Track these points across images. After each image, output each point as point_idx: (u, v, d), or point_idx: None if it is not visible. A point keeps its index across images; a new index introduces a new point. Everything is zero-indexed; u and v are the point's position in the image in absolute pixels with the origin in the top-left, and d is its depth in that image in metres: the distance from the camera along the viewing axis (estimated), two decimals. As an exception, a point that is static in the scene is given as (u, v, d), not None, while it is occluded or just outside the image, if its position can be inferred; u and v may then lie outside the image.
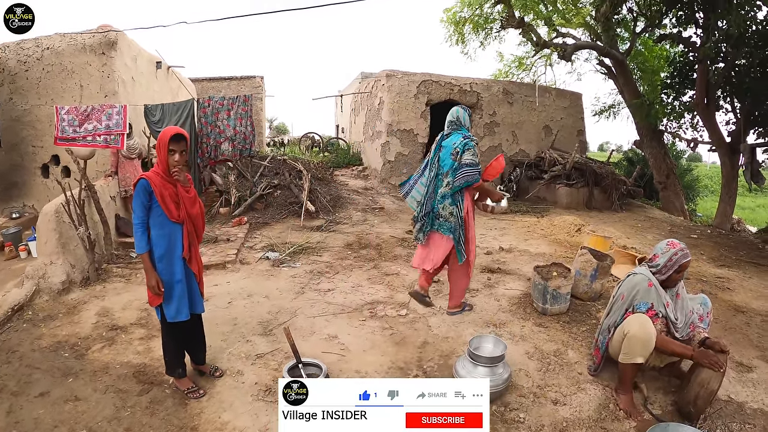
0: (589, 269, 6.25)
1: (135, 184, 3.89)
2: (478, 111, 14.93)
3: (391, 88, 14.04)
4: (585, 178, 13.81)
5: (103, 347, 5.03)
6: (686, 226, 12.50)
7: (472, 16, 19.32)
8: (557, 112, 16.12)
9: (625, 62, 17.10)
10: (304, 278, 7.17)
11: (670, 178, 17.27)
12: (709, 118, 14.89)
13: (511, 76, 21.93)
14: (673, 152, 23.03)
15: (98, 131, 9.36)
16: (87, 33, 11.54)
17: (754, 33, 11.75)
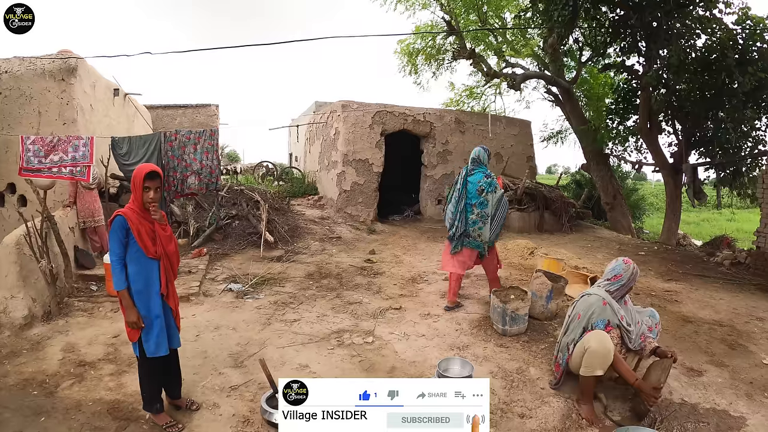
0: (545, 291, 6.55)
1: (111, 221, 3.94)
2: (431, 140, 15.23)
3: (346, 118, 14.20)
4: (536, 203, 14.17)
5: (73, 384, 4.95)
6: (634, 244, 12.95)
7: (425, 47, 19.79)
8: (507, 139, 16.50)
9: (572, 90, 17.68)
10: (269, 309, 7.20)
11: (616, 199, 17.84)
12: (652, 141, 15.53)
13: (462, 104, 22.48)
14: (619, 174, 23.68)
15: (64, 162, 9.21)
16: (47, 58, 11.31)
17: (694, 60, 12.23)
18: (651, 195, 31.54)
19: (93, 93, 12.33)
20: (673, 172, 15.61)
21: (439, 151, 15.35)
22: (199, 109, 23.02)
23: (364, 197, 14.30)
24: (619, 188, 18.59)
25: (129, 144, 10.65)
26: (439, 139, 15.32)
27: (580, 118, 17.92)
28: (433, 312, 7.04)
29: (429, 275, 9.20)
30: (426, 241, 12.57)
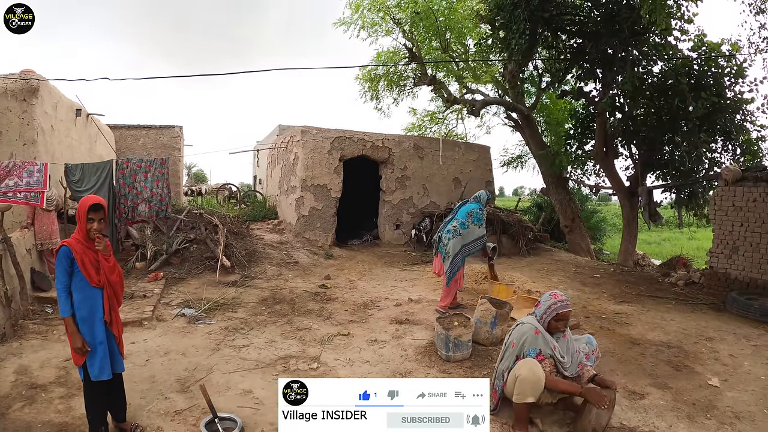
0: (489, 317, 6.68)
1: (56, 251, 4.09)
2: (390, 166, 15.35)
3: (305, 144, 14.28)
4: (493, 227, 14.23)
5: (24, 406, 5.02)
6: (591, 266, 13.05)
7: (387, 73, 19.96)
8: (466, 164, 16.64)
9: (531, 116, 18.01)
10: (219, 335, 7.26)
11: (575, 222, 18.12)
12: (608, 165, 15.79)
13: (424, 129, 22.63)
14: (579, 197, 23.90)
15: (19, 188, 9.19)
16: (9, 77, 11.24)
17: (650, 85, 12.57)
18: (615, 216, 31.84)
19: (54, 113, 12.28)
20: (629, 194, 15.90)
21: (398, 176, 15.47)
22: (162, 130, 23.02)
23: (322, 222, 14.38)
24: (578, 211, 18.87)
25: (82, 171, 10.71)
26: (398, 165, 15.44)
27: (539, 143, 18.23)
28: (380, 338, 7.15)
29: (381, 301, 9.29)
30: (382, 266, 12.67)
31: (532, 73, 17.79)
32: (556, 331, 4.71)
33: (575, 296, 9.52)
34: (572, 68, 14.08)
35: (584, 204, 25.31)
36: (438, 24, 17.66)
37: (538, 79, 17.69)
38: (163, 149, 22.31)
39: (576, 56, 13.34)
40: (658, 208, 14.97)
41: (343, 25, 18.76)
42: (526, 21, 12.13)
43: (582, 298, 9.48)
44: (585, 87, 15.10)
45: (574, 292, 9.84)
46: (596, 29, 12.22)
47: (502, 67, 17.88)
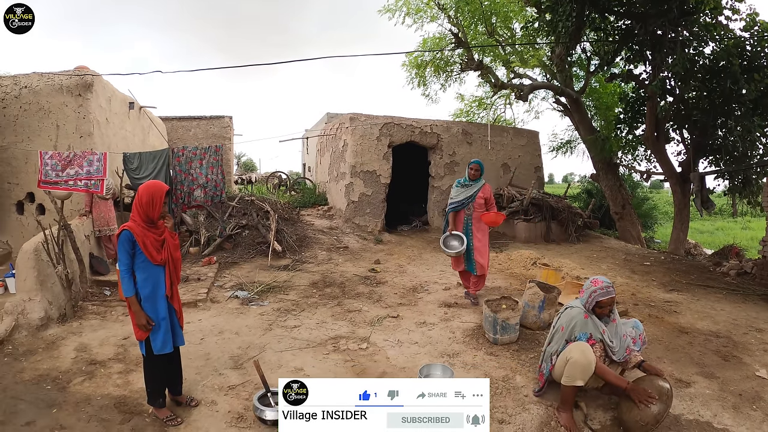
0: (537, 301, 6.69)
1: (117, 235, 4.26)
2: (438, 152, 15.36)
3: (354, 131, 14.40)
4: (542, 213, 14.24)
5: (84, 380, 5.26)
6: (641, 254, 12.82)
7: (433, 59, 19.82)
8: (515, 150, 16.53)
9: (580, 100, 17.67)
10: (271, 316, 7.46)
11: (625, 209, 17.82)
12: (659, 150, 15.48)
13: (472, 115, 22.43)
14: (630, 183, 23.57)
15: (79, 176, 9.59)
16: (64, 74, 11.63)
17: (701, 67, 12.22)
18: (667, 203, 31.09)
19: (109, 107, 12.64)
20: (680, 181, 15.63)
21: (447, 162, 15.47)
22: (213, 120, 23.31)
23: (371, 208, 14.51)
24: (628, 198, 18.54)
25: (139, 159, 11.04)
26: (446, 151, 15.44)
27: (588, 127, 17.96)
28: (429, 320, 7.23)
29: (430, 285, 9.36)
30: (431, 251, 12.67)
31: (580, 56, 17.49)
32: (602, 315, 4.70)
33: (624, 284, 9.43)
34: (621, 50, 13.77)
35: (635, 191, 24.87)
36: (483, 8, 17.50)
37: (587, 62, 17.35)
38: (213, 139, 22.62)
39: (624, 38, 13.02)
40: (710, 195, 14.65)
41: (388, 12, 18.63)
42: (573, 2, 11.92)
43: (631, 286, 9.36)
44: (634, 69, 14.78)
45: (624, 280, 9.74)
46: (644, 10, 11.86)
47: (549, 51, 17.63)
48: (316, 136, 21.01)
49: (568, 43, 13.70)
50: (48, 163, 9.63)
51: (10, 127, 11.76)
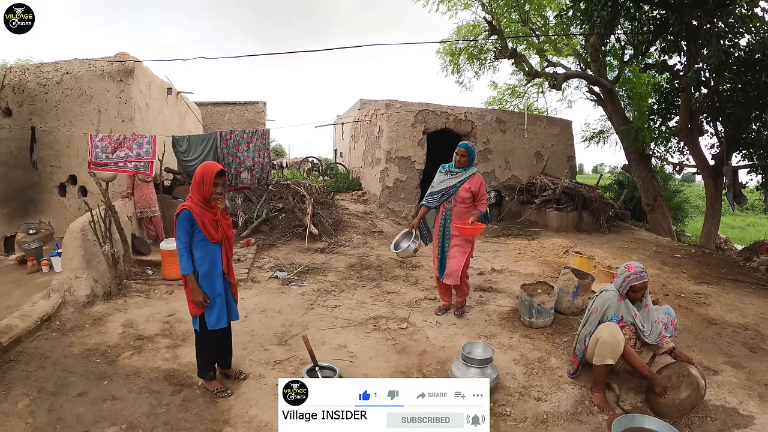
0: (571, 287, 6.83)
1: (177, 214, 4.42)
2: (473, 139, 15.39)
3: (390, 117, 14.53)
4: (574, 202, 14.22)
5: (132, 354, 5.48)
6: (671, 247, 12.77)
7: (467, 47, 19.83)
8: (548, 139, 16.55)
9: (614, 90, 17.53)
10: (312, 296, 7.67)
11: (657, 201, 17.69)
12: (693, 142, 15.27)
13: (505, 103, 22.38)
14: (662, 175, 23.39)
15: (129, 158, 9.88)
16: (105, 60, 11.92)
17: (736, 59, 12.07)
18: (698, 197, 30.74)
19: (148, 92, 12.98)
20: (713, 174, 15.38)
21: (480, 149, 15.52)
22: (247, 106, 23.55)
23: (406, 193, 14.64)
24: (660, 190, 18.38)
25: (188, 142, 11.35)
26: (480, 138, 15.49)
27: (621, 118, 17.82)
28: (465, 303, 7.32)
29: (464, 269, 9.46)
30: (465, 237, 12.68)
31: (614, 46, 17.38)
32: (636, 300, 4.82)
33: (655, 275, 9.44)
34: (656, 41, 13.55)
35: (667, 183, 24.67)
36: (517, -5, 17.44)
37: (621, 51, 17.25)
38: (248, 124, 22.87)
39: (659, 28, 12.82)
40: (743, 190, 14.55)
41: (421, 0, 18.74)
42: (608, -9, 11.87)
43: (662, 277, 9.39)
44: (669, 60, 14.60)
45: (654, 271, 9.74)
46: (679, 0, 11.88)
47: (583, 40, 17.54)
48: (350, 122, 21.12)
49: (602, 32, 13.62)
50: (98, 145, 9.91)
51: (52, 112, 12.13)
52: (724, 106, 13.64)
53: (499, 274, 9.16)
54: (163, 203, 11.17)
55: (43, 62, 12.42)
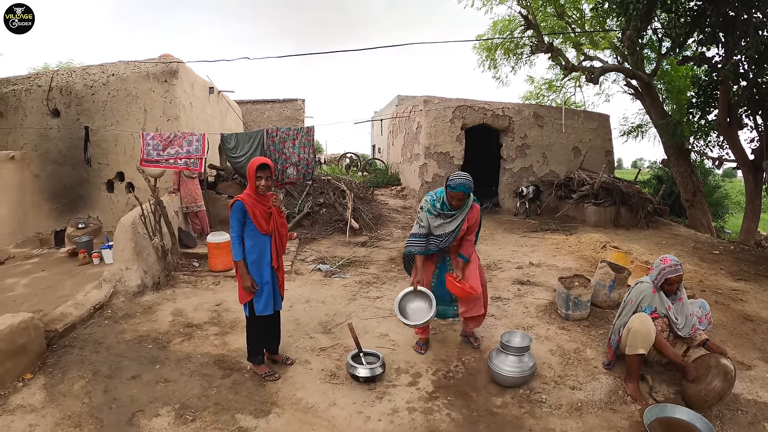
0: (608, 280, 6.92)
1: (231, 205, 4.69)
2: (510, 134, 15.52)
3: (428, 113, 14.67)
4: (612, 198, 14.20)
5: (183, 341, 5.77)
6: (710, 243, 12.65)
7: (504, 42, 19.90)
8: (586, 133, 16.54)
9: (652, 83, 17.42)
10: (354, 287, 7.91)
11: (696, 196, 17.51)
12: (732, 136, 15.09)
13: (542, 98, 22.34)
14: (702, 170, 23.12)
15: (179, 155, 10.27)
16: (150, 62, 12.38)
17: None
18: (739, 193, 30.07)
19: (192, 92, 13.43)
20: (753, 169, 15.22)
21: (518, 145, 15.62)
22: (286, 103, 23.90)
23: (444, 188, 14.65)
24: (699, 185, 18.17)
25: (236, 139, 11.73)
26: (518, 133, 15.57)
27: (660, 112, 17.68)
28: (503, 296, 7.51)
29: (503, 263, 9.57)
30: (503, 232, 12.87)
31: (651, 38, 17.11)
32: (670, 293, 4.92)
33: (692, 270, 9.43)
34: (693, 32, 13.40)
35: (706, 178, 24.40)
36: (552, -11, 17.42)
37: (658, 44, 16.99)
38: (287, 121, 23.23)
39: (696, 19, 12.59)
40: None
41: (456, -3, 18.72)
42: (644, -17, 11.77)
43: (699, 273, 9.35)
44: (707, 52, 14.41)
45: (692, 267, 9.72)
46: (714, -9, 11.64)
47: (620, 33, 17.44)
48: (389, 118, 21.30)
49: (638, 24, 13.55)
50: (150, 143, 10.30)
51: (100, 112, 12.66)
52: (764, 99, 13.46)
53: (537, 268, 9.25)
54: (208, 198, 11.48)
55: (89, 65, 12.92)
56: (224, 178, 12.97)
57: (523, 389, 4.82)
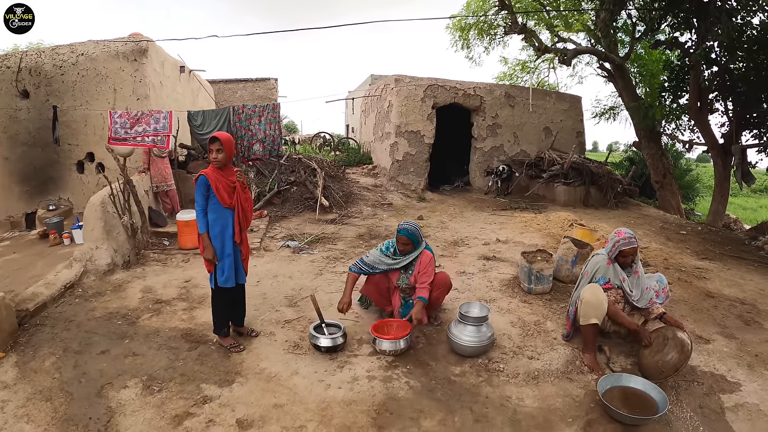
0: (570, 256, 7.06)
1: (196, 179, 4.78)
2: (481, 114, 15.58)
3: (399, 92, 14.69)
4: (582, 178, 14.35)
5: (152, 316, 5.84)
6: (678, 224, 12.84)
7: (477, 22, 19.88)
8: (557, 114, 16.63)
9: (625, 66, 17.60)
10: (321, 263, 8.01)
11: (666, 178, 17.77)
12: (702, 120, 15.33)
13: (515, 78, 22.42)
14: (673, 153, 23.45)
15: (147, 133, 10.26)
16: (119, 41, 12.27)
17: (748, 38, 12.12)
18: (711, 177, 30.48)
19: (162, 71, 13.36)
20: (722, 153, 15.45)
21: (489, 124, 15.69)
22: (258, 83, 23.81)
23: (415, 167, 14.86)
24: (670, 167, 18.49)
25: (203, 117, 11.84)
26: (489, 113, 15.63)
27: (632, 95, 17.88)
28: (468, 270, 7.65)
29: (470, 240, 9.72)
30: (472, 210, 13.05)
31: (625, 22, 17.37)
32: (625, 265, 5.05)
33: (658, 249, 9.62)
34: (666, 17, 13.57)
35: (677, 161, 24.73)
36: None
37: (632, 28, 17.30)
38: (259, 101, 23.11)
39: (670, 4, 12.79)
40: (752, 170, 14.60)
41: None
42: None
43: (664, 251, 9.51)
44: (680, 37, 14.57)
45: (658, 246, 9.91)
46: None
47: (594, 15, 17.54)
48: (361, 97, 21.28)
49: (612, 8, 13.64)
50: (117, 121, 10.29)
51: (69, 92, 12.55)
52: (734, 85, 13.67)
53: (503, 244, 9.40)
54: (178, 177, 11.46)
55: (59, 45, 12.81)
56: (195, 158, 12.95)
57: (481, 359, 4.94)
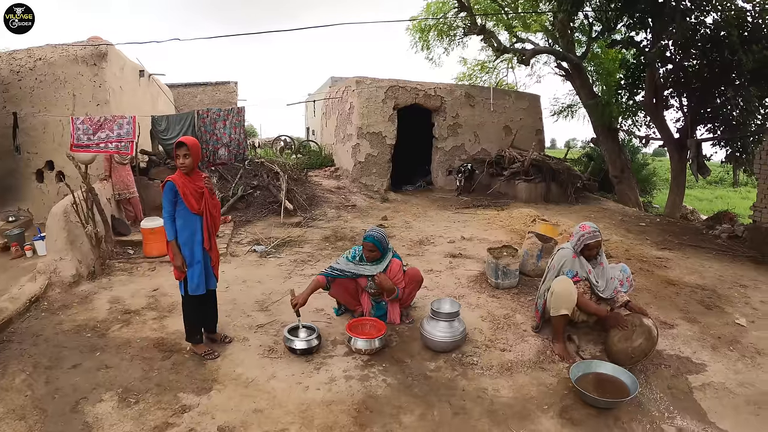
0: (535, 250, 7.21)
1: (163, 185, 4.73)
2: (442, 114, 15.73)
3: (360, 93, 14.71)
4: (542, 174, 14.56)
5: (122, 327, 5.74)
6: (637, 216, 13.16)
7: (437, 23, 19.99)
8: (517, 113, 16.86)
9: (582, 65, 17.83)
10: (289, 266, 8.02)
11: (624, 173, 18.04)
12: (658, 116, 15.75)
13: (475, 78, 22.56)
14: (631, 148, 23.85)
15: (110, 139, 10.07)
16: (78, 45, 12.10)
17: (702, 37, 12.44)
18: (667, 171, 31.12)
19: (122, 75, 13.16)
20: (678, 147, 15.87)
21: (450, 124, 15.84)
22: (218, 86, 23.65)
23: (377, 168, 14.91)
24: (627, 162, 18.84)
25: (167, 121, 11.68)
26: (450, 113, 15.78)
27: (589, 93, 18.11)
28: (435, 268, 7.75)
29: (435, 238, 9.83)
30: (436, 209, 13.19)
31: (582, 22, 17.63)
32: (590, 258, 5.18)
33: (618, 241, 9.83)
34: (623, 17, 13.88)
35: (635, 156, 25.14)
36: (486, -29, 17.61)
37: (589, 28, 17.53)
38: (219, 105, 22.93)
39: (626, 5, 13.16)
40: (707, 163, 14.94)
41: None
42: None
43: (625, 243, 9.72)
44: (636, 36, 14.91)
45: (618, 238, 10.13)
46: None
47: (552, 16, 17.80)
48: (322, 100, 21.28)
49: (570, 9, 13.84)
50: (80, 127, 10.10)
51: (27, 99, 12.27)
52: (689, 82, 14.03)
53: (468, 242, 9.53)
54: (140, 185, 11.32)
55: (16, 50, 12.55)
56: (156, 164, 12.82)
57: (455, 353, 5.03)
